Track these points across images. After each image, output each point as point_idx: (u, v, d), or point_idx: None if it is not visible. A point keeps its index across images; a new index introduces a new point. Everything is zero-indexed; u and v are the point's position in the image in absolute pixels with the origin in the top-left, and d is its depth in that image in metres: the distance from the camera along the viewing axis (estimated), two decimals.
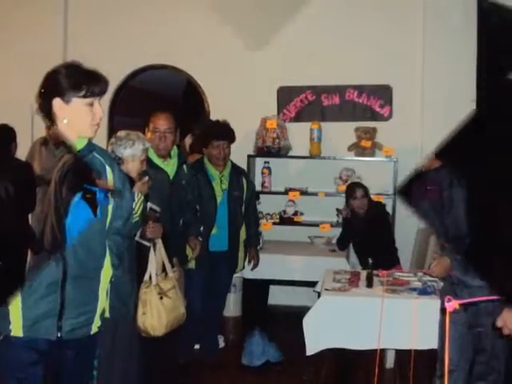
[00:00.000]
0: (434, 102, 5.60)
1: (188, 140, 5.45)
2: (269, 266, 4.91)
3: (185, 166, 3.98)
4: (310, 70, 5.80)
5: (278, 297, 5.92)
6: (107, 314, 2.57)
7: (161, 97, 7.70)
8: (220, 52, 5.92)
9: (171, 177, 3.82)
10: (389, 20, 5.73)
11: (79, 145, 2.33)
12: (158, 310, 3.26)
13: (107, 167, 2.39)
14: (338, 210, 5.42)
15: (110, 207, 2.39)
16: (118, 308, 2.90)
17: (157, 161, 3.76)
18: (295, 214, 5.74)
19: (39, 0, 6.10)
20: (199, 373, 4.21)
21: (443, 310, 3.01)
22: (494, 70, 4.75)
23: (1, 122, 4.69)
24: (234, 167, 4.47)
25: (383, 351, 4.14)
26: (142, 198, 3.11)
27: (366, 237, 4.78)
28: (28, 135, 3.67)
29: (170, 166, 3.83)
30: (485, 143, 2.27)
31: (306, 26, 5.81)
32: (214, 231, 4.31)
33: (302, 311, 3.79)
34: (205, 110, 6.01)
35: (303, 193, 5.68)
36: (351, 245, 5.11)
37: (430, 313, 3.31)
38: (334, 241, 5.34)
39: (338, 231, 5.28)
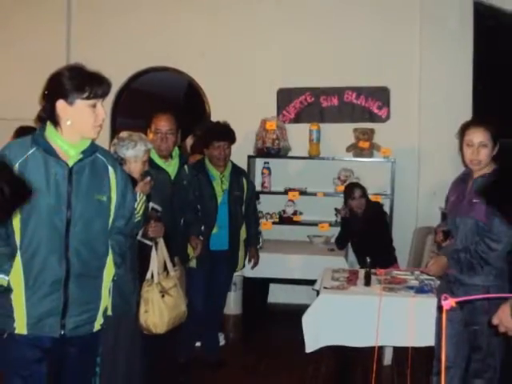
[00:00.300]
0: (431, 104, 5.62)
1: (189, 141, 5.45)
2: (268, 265, 4.94)
3: (186, 167, 3.99)
4: (310, 72, 5.81)
5: (277, 295, 5.95)
6: (110, 312, 2.60)
7: (162, 98, 7.72)
8: (220, 54, 5.94)
9: (172, 177, 3.84)
10: (387, 23, 5.74)
11: (82, 146, 2.38)
12: (160, 308, 3.29)
13: (110, 168, 2.43)
14: (336, 209, 5.44)
15: (113, 207, 2.44)
16: (120, 306, 2.91)
17: (158, 161, 3.79)
18: (294, 213, 5.77)
19: (42, 1, 6.11)
20: (200, 371, 4.22)
21: (440, 308, 3.05)
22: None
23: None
24: (235, 168, 4.49)
25: (381, 348, 4.18)
26: (144, 197, 3.14)
27: (364, 236, 4.82)
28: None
29: (171, 167, 3.85)
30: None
31: (305, 28, 5.85)
32: (214, 230, 4.32)
33: (302, 309, 3.81)
34: (205, 111, 6.02)
35: (302, 193, 5.70)
36: (349, 244, 5.15)
37: (426, 311, 3.35)
38: (333, 240, 5.36)
39: (336, 230, 5.32)
